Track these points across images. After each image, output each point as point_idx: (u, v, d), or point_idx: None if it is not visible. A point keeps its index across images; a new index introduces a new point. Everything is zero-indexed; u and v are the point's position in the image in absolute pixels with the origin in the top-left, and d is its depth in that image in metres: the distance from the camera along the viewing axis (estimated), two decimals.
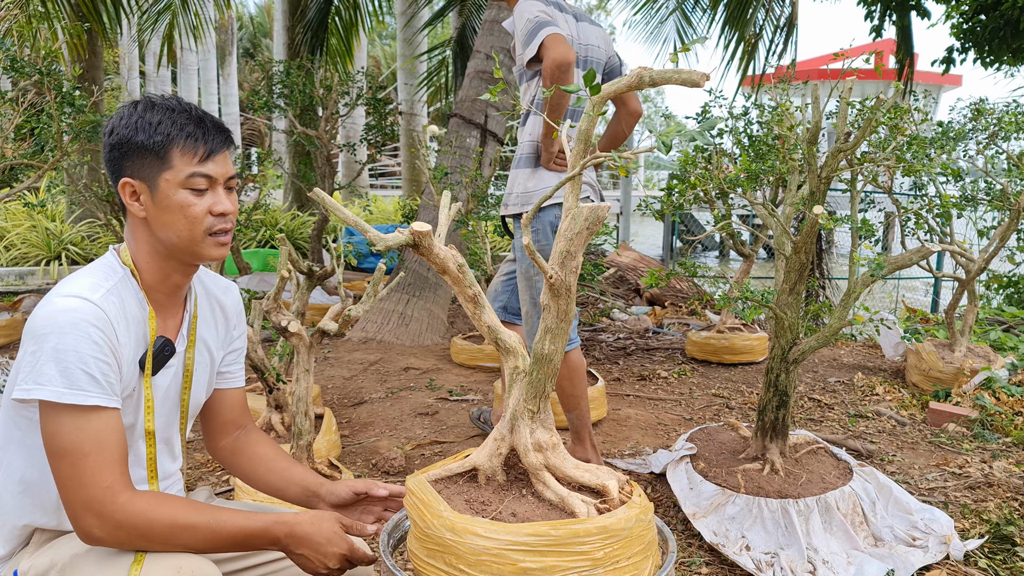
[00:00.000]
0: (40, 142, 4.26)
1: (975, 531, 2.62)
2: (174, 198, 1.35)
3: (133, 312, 1.37)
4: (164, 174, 1.35)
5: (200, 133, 1.37)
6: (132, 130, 1.35)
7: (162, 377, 1.43)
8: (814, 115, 2.54)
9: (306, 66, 5.61)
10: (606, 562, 1.47)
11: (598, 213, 1.48)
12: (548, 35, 2.73)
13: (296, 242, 9.24)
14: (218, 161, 1.39)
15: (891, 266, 2.48)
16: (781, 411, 2.73)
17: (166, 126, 1.35)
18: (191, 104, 1.40)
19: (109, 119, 1.42)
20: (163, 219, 1.36)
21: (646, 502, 1.60)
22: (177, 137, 1.35)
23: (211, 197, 1.38)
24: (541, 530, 1.42)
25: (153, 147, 1.34)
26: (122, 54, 18.80)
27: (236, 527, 1.30)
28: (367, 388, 4.32)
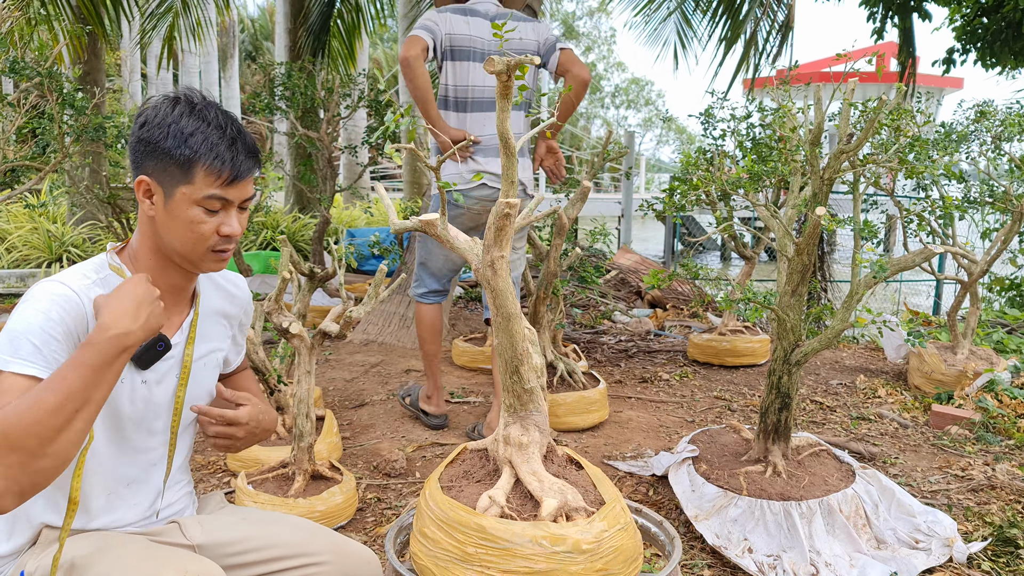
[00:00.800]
0: (42, 144, 4.26)
1: (978, 534, 2.62)
2: (186, 212, 1.35)
3: None
4: (182, 187, 1.34)
5: (229, 156, 1.35)
6: (163, 133, 1.32)
7: (154, 372, 1.41)
8: (816, 116, 2.53)
9: (308, 68, 5.61)
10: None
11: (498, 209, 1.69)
12: (407, 37, 3.29)
13: (297, 244, 9.24)
14: (240, 186, 1.38)
15: (894, 268, 2.48)
16: (783, 413, 2.73)
17: (197, 141, 1.32)
18: (229, 118, 1.37)
19: (144, 107, 1.38)
20: (170, 226, 1.36)
21: (586, 535, 1.64)
22: (205, 156, 1.33)
23: (222, 217, 1.38)
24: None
25: (179, 158, 1.32)
26: (124, 56, 18.82)
27: (72, 367, 1.18)
28: (368, 390, 4.31)
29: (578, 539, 1.62)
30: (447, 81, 3.40)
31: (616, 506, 1.74)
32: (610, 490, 1.82)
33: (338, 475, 2.77)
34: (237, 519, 1.55)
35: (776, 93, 3.06)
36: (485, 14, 3.42)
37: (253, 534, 1.50)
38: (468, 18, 3.38)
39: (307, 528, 1.57)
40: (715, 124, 4.03)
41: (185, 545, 1.44)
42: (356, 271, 9.10)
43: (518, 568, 1.62)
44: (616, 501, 1.76)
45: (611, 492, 1.81)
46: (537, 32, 3.46)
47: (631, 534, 1.73)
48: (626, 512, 1.77)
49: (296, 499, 2.57)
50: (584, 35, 43.50)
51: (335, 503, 2.61)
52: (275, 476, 2.74)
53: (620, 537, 1.69)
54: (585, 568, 1.62)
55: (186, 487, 1.57)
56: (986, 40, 7.26)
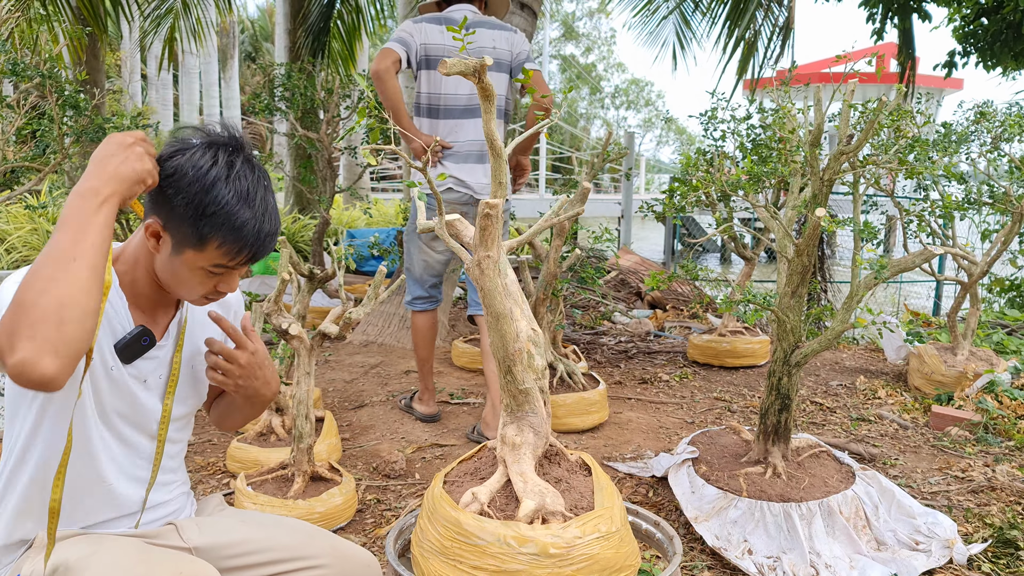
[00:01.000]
0: (42, 144, 4.26)
1: (978, 535, 2.61)
2: (188, 272, 1.33)
3: (111, 297, 1.36)
4: (191, 250, 1.30)
5: (252, 241, 1.30)
6: (187, 198, 1.26)
7: (138, 368, 1.40)
8: (816, 117, 2.53)
9: (307, 69, 5.61)
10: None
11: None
12: (381, 49, 3.42)
13: (297, 245, 9.23)
14: (255, 261, 1.36)
15: (894, 269, 2.48)
16: (783, 415, 2.72)
17: (221, 219, 1.27)
18: (262, 191, 1.31)
19: (175, 149, 1.29)
20: (168, 272, 1.34)
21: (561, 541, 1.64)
22: (225, 238, 1.28)
23: (223, 278, 1.36)
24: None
25: (197, 230, 1.27)
26: (124, 57, 18.82)
27: (57, 228, 1.17)
28: (368, 391, 4.31)
29: (546, 543, 1.62)
30: (420, 89, 3.52)
31: (602, 515, 1.72)
32: (606, 499, 1.79)
33: (337, 476, 2.76)
34: (235, 522, 1.54)
35: (776, 94, 3.06)
36: (466, 23, 3.39)
37: (251, 537, 1.50)
38: (443, 27, 3.47)
39: (306, 531, 1.56)
40: (716, 125, 4.02)
41: (182, 547, 1.44)
42: (356, 272, 9.09)
43: (487, 566, 1.63)
44: (606, 511, 1.73)
45: (606, 501, 1.78)
46: (511, 43, 3.55)
47: (614, 545, 1.70)
48: (615, 523, 1.73)
49: (295, 500, 2.57)
50: (584, 35, 43.52)
51: (334, 504, 2.61)
52: (274, 477, 2.73)
53: (597, 546, 1.67)
54: (552, 572, 1.61)
55: (181, 487, 1.56)
56: (986, 41, 7.26)
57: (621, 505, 1.83)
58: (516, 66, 3.57)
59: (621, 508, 1.82)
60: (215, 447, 3.41)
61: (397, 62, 3.39)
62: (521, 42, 3.59)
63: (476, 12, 3.59)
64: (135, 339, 1.37)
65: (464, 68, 1.70)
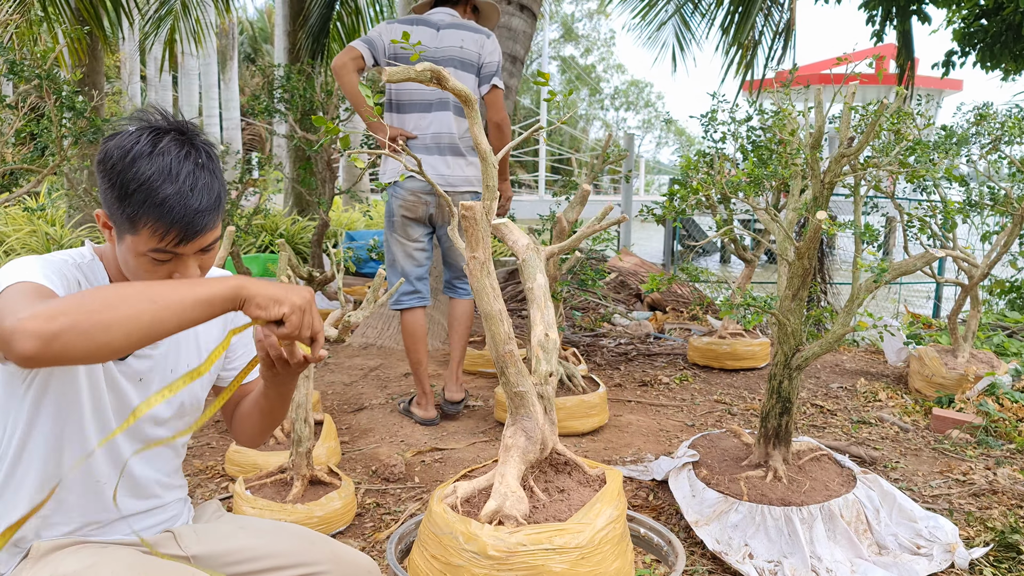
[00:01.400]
0: (41, 145, 4.25)
1: (980, 539, 2.60)
2: (134, 260, 1.27)
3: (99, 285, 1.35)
4: (128, 236, 1.25)
5: (179, 217, 1.23)
6: (114, 181, 1.22)
7: (131, 367, 1.38)
8: (817, 120, 2.52)
9: (306, 70, 5.60)
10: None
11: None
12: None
13: (297, 247, 9.23)
14: (191, 243, 1.27)
15: (895, 272, 2.47)
16: (784, 418, 2.71)
17: (141, 197, 1.21)
18: (189, 167, 1.24)
19: (108, 135, 1.27)
20: (123, 263, 1.31)
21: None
22: (150, 216, 1.22)
23: (174, 266, 1.28)
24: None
25: (124, 212, 1.23)
26: (123, 59, 18.81)
27: (177, 282, 1.14)
28: (367, 394, 4.30)
29: (486, 544, 1.66)
30: (389, 85, 3.63)
31: (566, 530, 1.70)
32: (587, 516, 1.77)
33: (337, 480, 2.75)
34: (234, 528, 1.53)
35: (776, 96, 3.05)
36: (436, 23, 3.66)
37: (251, 544, 1.48)
38: (414, 27, 3.64)
39: (306, 536, 1.55)
40: (716, 127, 4.02)
41: (180, 556, 1.42)
42: (356, 274, 9.09)
43: (439, 555, 1.70)
44: (574, 527, 1.71)
45: (584, 518, 1.76)
46: (481, 46, 3.67)
47: (573, 560, 1.67)
48: (581, 539, 1.70)
49: (294, 505, 2.56)
50: (583, 37, 43.53)
51: (333, 509, 2.60)
52: (273, 481, 2.72)
53: (545, 558, 1.66)
54: (489, 573, 1.63)
55: (179, 493, 1.54)
56: (986, 42, 7.26)
57: (609, 525, 1.77)
58: (483, 77, 3.66)
59: (607, 528, 1.77)
60: (213, 451, 3.40)
61: (357, 59, 3.54)
62: (492, 49, 3.67)
63: (454, 15, 3.72)
64: None
65: (405, 75, 1.74)
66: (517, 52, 5.67)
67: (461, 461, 3.29)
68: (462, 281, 3.93)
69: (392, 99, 3.71)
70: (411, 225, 3.76)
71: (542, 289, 2.10)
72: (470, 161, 3.74)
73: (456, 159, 3.69)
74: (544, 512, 1.88)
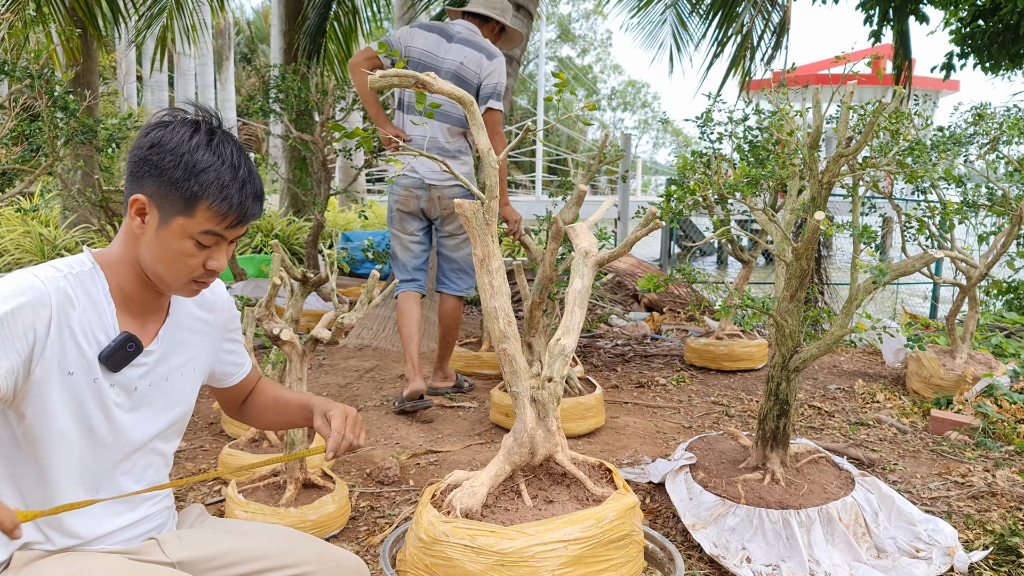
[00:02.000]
0: (34, 145, 4.22)
1: (979, 542, 2.58)
2: (178, 243, 1.31)
3: (99, 304, 1.33)
4: (181, 218, 1.30)
5: (238, 200, 1.31)
6: (174, 162, 1.27)
7: (131, 377, 1.37)
8: (815, 119, 2.50)
9: (301, 70, 5.57)
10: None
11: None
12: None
13: (292, 248, 9.19)
14: (240, 227, 1.35)
15: (894, 273, 2.45)
16: (782, 420, 2.69)
17: (209, 179, 1.28)
18: (243, 157, 1.33)
19: (155, 123, 1.33)
20: (156, 251, 1.32)
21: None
22: (214, 196, 1.29)
23: (212, 252, 1.35)
24: None
25: (185, 192, 1.28)
26: (119, 58, 18.76)
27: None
28: (362, 396, 4.27)
29: (421, 526, 1.84)
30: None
31: (502, 534, 1.74)
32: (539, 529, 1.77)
33: (330, 483, 2.72)
34: (219, 532, 1.51)
35: (773, 96, 3.03)
36: (451, 34, 3.90)
37: (236, 547, 1.46)
38: (430, 34, 3.88)
39: (292, 537, 1.53)
40: (712, 128, 3.99)
41: (164, 563, 1.39)
42: (352, 275, 9.05)
43: (411, 539, 1.88)
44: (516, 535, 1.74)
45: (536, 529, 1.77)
46: (480, 66, 3.87)
47: (489, 564, 1.70)
48: (515, 543, 1.73)
49: (287, 508, 2.53)
50: (580, 38, 43.53)
51: (327, 512, 2.57)
52: (266, 485, 2.69)
53: (460, 553, 1.73)
54: (422, 553, 1.81)
55: (164, 501, 1.52)
56: (983, 43, 7.24)
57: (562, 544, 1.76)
58: (482, 90, 3.86)
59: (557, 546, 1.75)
60: (207, 453, 3.37)
61: (372, 59, 3.79)
62: (493, 70, 3.87)
63: (472, 30, 3.93)
64: (120, 346, 1.33)
65: (387, 82, 1.82)
66: (513, 52, 5.64)
67: (456, 463, 3.26)
68: (453, 276, 4.14)
69: (403, 100, 3.98)
70: (406, 219, 4.07)
71: (576, 294, 2.11)
72: (463, 161, 4.01)
73: (446, 158, 3.90)
74: (513, 516, 1.91)
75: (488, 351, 4.79)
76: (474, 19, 4.01)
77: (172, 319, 1.46)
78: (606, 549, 1.80)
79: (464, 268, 4.16)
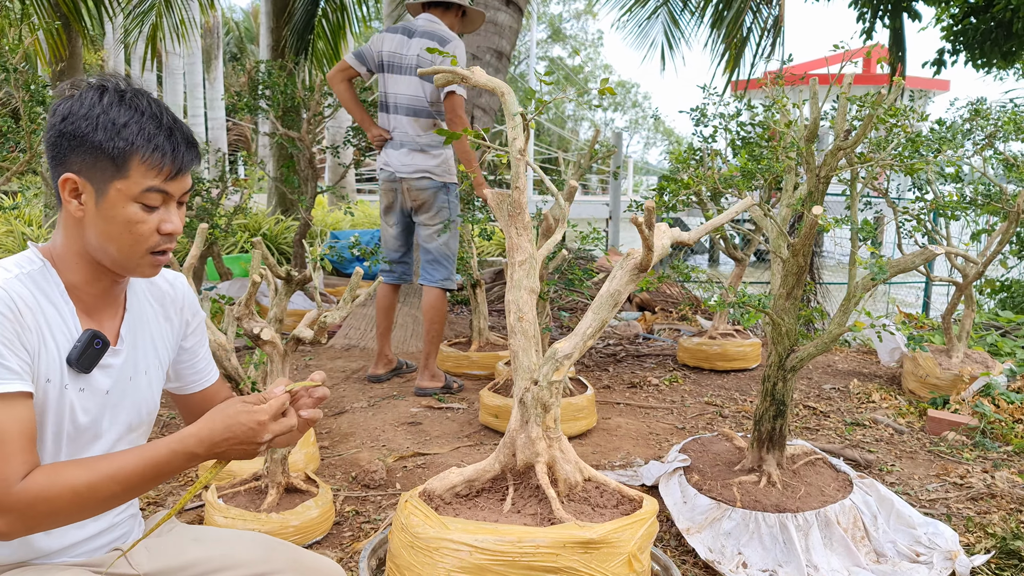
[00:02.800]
0: (13, 141, 4.12)
1: (980, 545, 2.52)
2: (122, 211, 1.21)
3: (57, 303, 1.24)
4: (117, 182, 1.20)
5: (170, 147, 1.22)
6: (91, 125, 1.18)
7: (99, 379, 1.29)
8: (812, 111, 2.43)
9: (288, 66, 5.47)
10: None
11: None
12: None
13: (280, 247, 9.08)
14: (181, 179, 1.25)
15: (894, 270, 2.38)
16: (778, 421, 2.62)
17: (132, 132, 1.19)
18: (162, 107, 1.25)
19: (63, 98, 1.24)
20: (103, 228, 1.22)
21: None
22: (143, 148, 1.20)
23: (162, 213, 1.25)
24: None
25: (112, 152, 1.19)
26: (106, 56, 18.60)
27: (140, 462, 1.17)
28: (348, 397, 4.18)
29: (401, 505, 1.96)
30: (379, 88, 4.21)
31: (429, 521, 1.82)
32: (469, 528, 1.78)
33: (314, 487, 2.64)
34: (188, 541, 1.43)
35: (771, 89, 2.96)
36: (412, 31, 4.07)
37: (206, 555, 1.39)
38: (395, 35, 4.10)
39: (265, 543, 1.47)
40: (707, 122, 3.92)
41: (130, 575, 1.31)
42: (341, 274, 8.96)
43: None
44: (442, 527, 1.79)
45: (451, 527, 1.79)
46: (436, 57, 3.98)
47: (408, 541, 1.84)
48: (425, 531, 1.81)
49: (269, 514, 2.44)
50: (571, 38, 43.49)
51: (310, 517, 2.49)
52: (247, 489, 2.61)
53: (399, 531, 1.90)
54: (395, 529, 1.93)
55: (129, 509, 1.43)
56: (976, 40, 7.21)
57: (470, 549, 1.77)
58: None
59: (465, 549, 1.77)
60: None
61: (345, 70, 4.12)
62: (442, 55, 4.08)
63: (431, 21, 4.08)
64: (87, 344, 1.25)
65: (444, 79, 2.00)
66: (503, 47, 5.57)
67: (444, 466, 3.18)
68: (428, 268, 4.24)
69: (381, 100, 4.21)
70: (387, 211, 4.34)
71: (601, 298, 2.03)
72: (434, 155, 4.15)
73: (413, 152, 4.11)
74: (476, 512, 1.93)
75: (478, 351, 4.70)
76: (435, 9, 4.12)
77: (131, 314, 1.36)
78: (521, 571, 1.73)
79: (438, 259, 4.21)
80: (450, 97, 3.97)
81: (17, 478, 1.12)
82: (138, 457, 1.17)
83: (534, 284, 2.06)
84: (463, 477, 2.01)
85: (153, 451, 1.18)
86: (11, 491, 1.10)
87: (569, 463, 2.01)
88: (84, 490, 1.13)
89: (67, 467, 1.16)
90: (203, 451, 1.19)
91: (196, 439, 1.18)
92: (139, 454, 1.18)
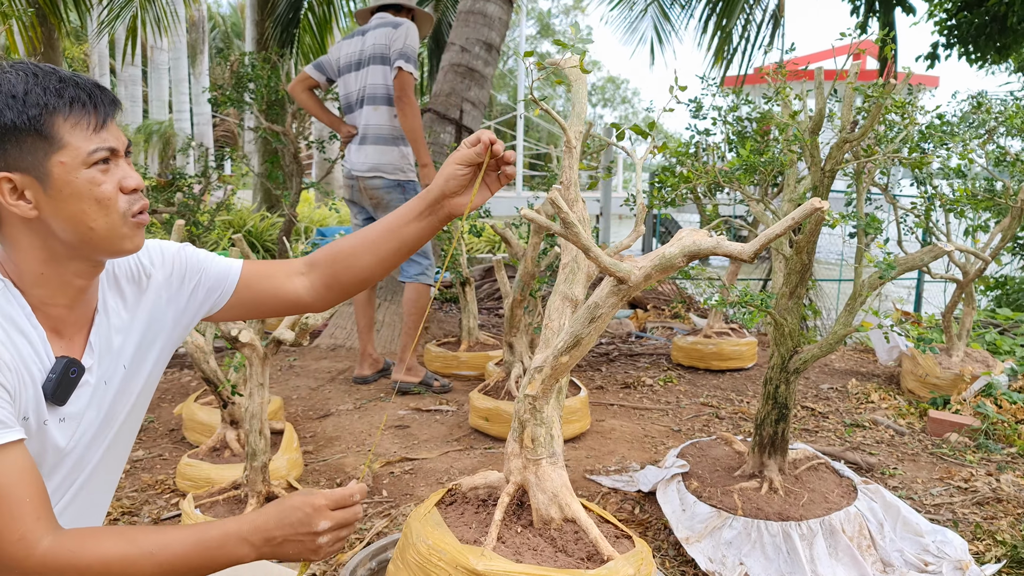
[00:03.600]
0: None
1: (991, 554, 2.43)
2: (77, 182, 1.08)
3: (26, 330, 1.12)
4: (56, 156, 1.07)
5: (86, 97, 1.09)
6: (5, 111, 1.05)
7: (75, 402, 1.17)
8: (817, 102, 2.33)
9: (272, 59, 5.33)
10: None
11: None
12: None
13: (265, 244, 8.93)
14: (112, 129, 1.13)
15: (902, 267, 2.28)
16: (780, 425, 2.52)
17: (38, 95, 1.06)
18: (49, 68, 1.12)
19: None
20: (68, 212, 1.09)
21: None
22: (59, 106, 1.07)
23: (117, 171, 1.13)
24: None
25: (30, 125, 1.06)
26: (89, 51, 18.33)
27: (186, 544, 1.08)
28: (334, 399, 4.05)
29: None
30: (340, 92, 4.34)
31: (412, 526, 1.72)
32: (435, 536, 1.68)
33: None
34: None
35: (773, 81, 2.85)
36: (365, 31, 4.17)
37: None
38: (352, 39, 4.21)
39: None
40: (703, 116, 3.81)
41: None
42: None
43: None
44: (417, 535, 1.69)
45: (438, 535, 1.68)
46: (389, 38, 4.06)
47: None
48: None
49: None
50: (560, 33, 43.35)
51: None
52: (226, 499, 2.48)
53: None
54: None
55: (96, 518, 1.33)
56: (970, 34, 7.14)
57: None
58: (392, 54, 4.01)
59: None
60: (165, 463, 3.15)
61: (304, 79, 4.29)
62: (398, 36, 4.01)
63: (382, 17, 4.15)
64: (62, 375, 1.14)
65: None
66: (492, 40, 5.45)
67: (433, 472, 3.06)
68: (404, 264, 4.19)
69: (341, 103, 4.34)
70: (351, 205, 4.42)
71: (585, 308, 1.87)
72: (384, 150, 4.15)
73: (365, 147, 4.15)
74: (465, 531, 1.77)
75: (467, 351, 4.59)
76: (386, 11, 4.23)
77: (100, 317, 1.24)
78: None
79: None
80: (400, 75, 3.96)
81: (38, 539, 1.02)
82: (186, 536, 1.08)
83: (568, 291, 1.92)
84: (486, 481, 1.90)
85: (203, 532, 1.10)
86: (34, 553, 1.01)
87: (545, 493, 1.76)
88: (117, 565, 1.05)
89: (101, 535, 1.07)
90: (257, 539, 1.11)
91: (251, 525, 1.11)
92: (187, 533, 1.08)
